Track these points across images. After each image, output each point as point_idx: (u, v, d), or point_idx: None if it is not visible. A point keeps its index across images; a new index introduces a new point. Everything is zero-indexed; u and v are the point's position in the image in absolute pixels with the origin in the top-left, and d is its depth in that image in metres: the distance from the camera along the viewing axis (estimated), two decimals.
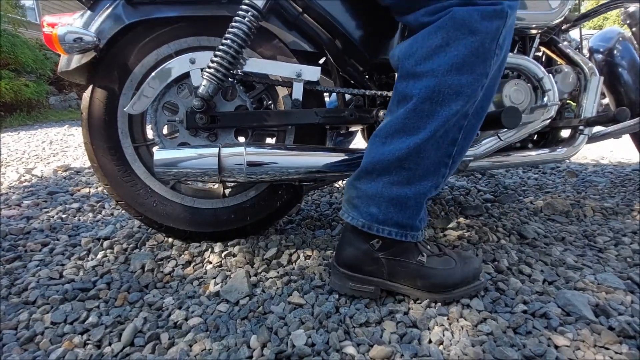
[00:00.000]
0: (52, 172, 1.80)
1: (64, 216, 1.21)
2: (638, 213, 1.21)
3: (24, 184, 1.64)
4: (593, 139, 1.11)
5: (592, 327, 0.65)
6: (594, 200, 1.34)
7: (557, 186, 1.55)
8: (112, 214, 1.24)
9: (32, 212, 1.24)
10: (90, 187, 1.54)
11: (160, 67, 0.88)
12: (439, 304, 0.71)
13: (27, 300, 0.74)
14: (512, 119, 0.83)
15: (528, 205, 1.30)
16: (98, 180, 0.96)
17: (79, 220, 1.19)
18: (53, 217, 1.20)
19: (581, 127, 1.04)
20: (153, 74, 0.88)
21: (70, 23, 0.90)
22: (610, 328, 0.65)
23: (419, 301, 0.72)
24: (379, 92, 0.99)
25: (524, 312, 0.69)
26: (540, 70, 1.00)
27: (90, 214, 1.24)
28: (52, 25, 0.89)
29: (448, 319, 0.68)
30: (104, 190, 1.49)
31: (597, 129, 1.14)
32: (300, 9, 0.94)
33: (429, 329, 0.65)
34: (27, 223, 1.15)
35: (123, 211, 1.25)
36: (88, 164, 2.06)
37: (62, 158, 2.26)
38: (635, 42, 1.25)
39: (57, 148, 2.61)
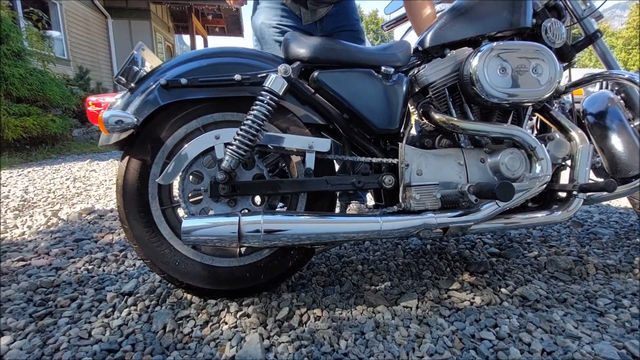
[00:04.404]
0: (77, 216, 1.92)
1: (90, 267, 1.30)
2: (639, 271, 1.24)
3: (51, 228, 1.75)
4: (589, 201, 1.16)
5: None
6: (597, 256, 1.37)
7: (561, 238, 1.58)
8: (134, 265, 1.32)
9: (60, 262, 1.33)
10: (113, 234, 1.64)
11: (189, 143, 0.99)
12: None
13: None
14: (505, 194, 0.90)
15: (532, 260, 1.34)
16: (128, 240, 1.05)
17: (104, 271, 1.28)
18: (80, 268, 1.29)
19: (575, 192, 1.10)
20: (182, 150, 0.99)
21: (112, 102, 1.03)
22: None
23: None
24: (384, 160, 1.08)
25: None
26: (533, 140, 1.08)
27: (114, 264, 1.32)
28: (97, 104, 1.04)
29: None
30: (126, 237, 1.58)
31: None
32: (313, 90, 1.06)
33: None
34: (56, 274, 1.24)
35: None
36: (110, 206, 2.18)
37: (85, 198, 2.39)
38: (624, 107, 1.33)
39: (81, 186, 2.76)
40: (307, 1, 1.35)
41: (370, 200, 1.87)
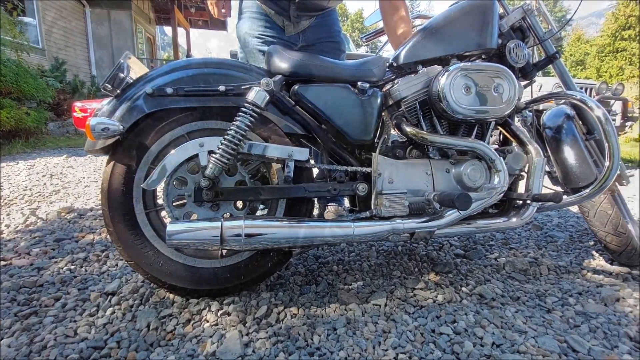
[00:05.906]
0: (57, 215, 1.91)
1: (72, 267, 1.32)
2: (587, 272, 1.38)
3: (30, 227, 1.74)
4: (541, 209, 1.29)
5: None
6: (551, 258, 1.51)
7: (521, 240, 1.72)
8: (116, 265, 1.35)
9: (42, 262, 1.34)
10: (94, 234, 1.65)
11: (174, 150, 1.04)
12: None
13: (48, 359, 0.84)
14: (464, 203, 1.00)
15: (493, 262, 1.46)
16: (112, 243, 1.08)
17: (86, 271, 1.30)
18: (62, 268, 1.31)
19: (529, 201, 1.22)
20: (167, 156, 1.03)
21: (98, 109, 1.06)
22: None
23: None
24: (359, 168, 1.16)
25: None
26: (492, 154, 1.18)
27: (96, 264, 1.35)
28: (83, 110, 1.06)
29: None
30: (107, 237, 1.60)
31: None
32: (293, 102, 1.12)
33: None
34: (38, 274, 1.26)
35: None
36: (90, 204, 2.17)
37: (64, 196, 2.36)
38: (579, 122, 1.46)
39: (59, 184, 2.71)
40: (290, 14, 1.41)
41: (347, 202, 1.96)
